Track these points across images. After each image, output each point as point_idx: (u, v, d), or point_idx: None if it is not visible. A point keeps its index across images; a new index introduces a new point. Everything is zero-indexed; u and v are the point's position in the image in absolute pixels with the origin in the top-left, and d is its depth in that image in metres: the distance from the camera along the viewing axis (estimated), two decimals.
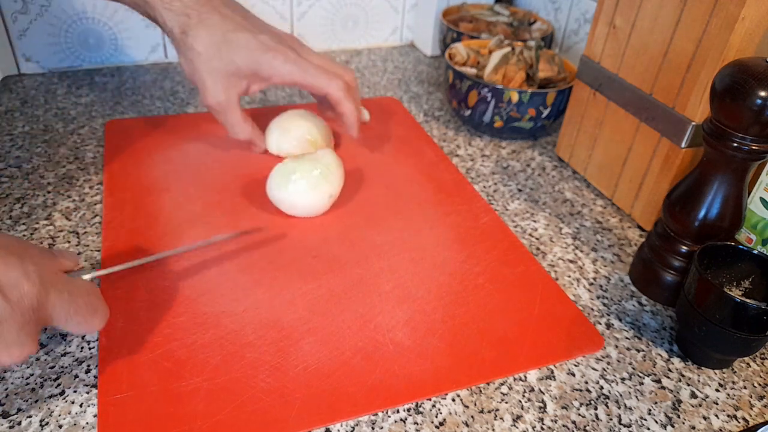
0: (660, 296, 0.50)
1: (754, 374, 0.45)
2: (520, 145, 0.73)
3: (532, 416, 0.40)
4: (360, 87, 0.84)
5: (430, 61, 0.96)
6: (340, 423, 0.38)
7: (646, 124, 0.56)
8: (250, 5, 0.87)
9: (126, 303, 0.44)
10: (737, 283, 0.45)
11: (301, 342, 0.43)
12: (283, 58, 0.55)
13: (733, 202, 0.45)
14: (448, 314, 0.46)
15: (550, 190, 0.65)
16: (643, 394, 0.42)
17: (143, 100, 0.76)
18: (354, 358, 0.42)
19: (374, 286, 0.48)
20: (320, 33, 0.94)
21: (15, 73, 0.79)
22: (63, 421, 0.37)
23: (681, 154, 0.53)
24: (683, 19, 0.51)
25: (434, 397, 0.40)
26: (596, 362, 0.44)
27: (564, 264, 0.54)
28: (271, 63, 0.54)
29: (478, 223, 0.57)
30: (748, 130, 0.41)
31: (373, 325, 0.45)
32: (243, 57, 0.54)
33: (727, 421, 0.41)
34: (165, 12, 0.53)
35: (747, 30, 0.46)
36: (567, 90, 0.68)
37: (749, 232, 0.52)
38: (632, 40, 0.57)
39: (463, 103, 0.71)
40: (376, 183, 0.62)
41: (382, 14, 0.97)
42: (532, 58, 0.71)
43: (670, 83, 0.53)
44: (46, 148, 0.64)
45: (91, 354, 0.42)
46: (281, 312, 0.45)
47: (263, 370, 0.40)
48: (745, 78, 0.40)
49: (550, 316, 0.47)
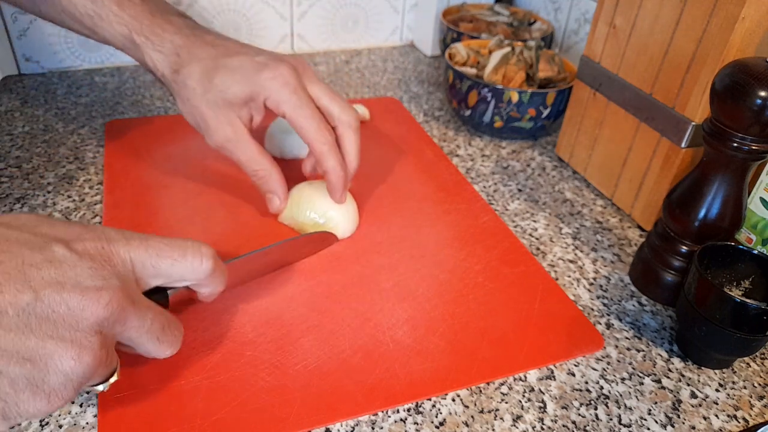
0: (660, 296, 0.50)
1: (754, 374, 0.45)
2: (520, 145, 0.73)
3: (532, 416, 0.40)
4: (360, 87, 0.84)
5: (430, 61, 0.96)
6: (340, 423, 0.38)
7: (646, 124, 0.56)
8: (250, 5, 0.87)
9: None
10: (737, 283, 0.45)
11: (301, 340, 0.43)
12: (283, 81, 0.47)
13: (733, 202, 0.45)
14: (448, 313, 0.46)
15: (550, 190, 0.65)
16: (643, 394, 0.42)
17: (143, 100, 0.76)
18: (354, 356, 0.42)
19: (374, 284, 0.48)
20: (320, 33, 0.94)
21: (15, 73, 0.80)
22: (63, 421, 0.37)
23: (681, 154, 0.53)
24: (683, 19, 0.51)
25: (434, 396, 0.40)
26: (596, 362, 0.44)
27: (564, 264, 0.54)
28: (269, 84, 0.47)
29: (477, 222, 0.57)
30: (748, 130, 0.41)
31: (373, 323, 0.45)
32: (238, 79, 0.48)
33: (727, 421, 0.41)
34: (155, 54, 0.49)
35: (747, 30, 0.46)
36: (567, 90, 0.68)
37: (749, 232, 0.52)
38: (632, 40, 0.57)
39: (463, 103, 0.71)
40: (376, 183, 0.62)
41: (382, 14, 0.97)
42: (532, 58, 0.71)
43: (670, 83, 0.53)
44: (46, 148, 0.64)
45: None
46: (281, 309, 0.45)
47: (263, 368, 0.40)
48: (745, 78, 0.40)
49: (550, 316, 0.47)
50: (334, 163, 0.49)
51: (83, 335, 0.29)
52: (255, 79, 0.48)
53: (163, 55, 0.49)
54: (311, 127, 0.48)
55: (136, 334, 0.32)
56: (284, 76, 0.48)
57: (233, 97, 0.48)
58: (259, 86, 0.48)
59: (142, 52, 0.50)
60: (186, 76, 0.48)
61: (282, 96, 0.47)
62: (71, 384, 0.29)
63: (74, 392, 0.30)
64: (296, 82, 0.48)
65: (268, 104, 0.49)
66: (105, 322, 0.30)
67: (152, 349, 0.34)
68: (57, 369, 0.28)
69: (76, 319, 0.29)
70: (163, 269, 0.34)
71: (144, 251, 0.34)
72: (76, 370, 0.29)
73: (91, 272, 0.30)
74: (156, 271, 0.34)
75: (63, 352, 0.28)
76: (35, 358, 0.28)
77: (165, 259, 0.34)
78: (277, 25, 0.91)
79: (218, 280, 0.38)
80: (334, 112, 0.50)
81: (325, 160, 0.49)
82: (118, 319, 0.31)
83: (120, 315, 0.31)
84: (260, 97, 0.48)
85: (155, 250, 0.34)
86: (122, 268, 0.32)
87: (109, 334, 0.31)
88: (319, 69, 0.89)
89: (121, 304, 0.31)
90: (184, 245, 0.35)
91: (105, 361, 0.31)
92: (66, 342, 0.29)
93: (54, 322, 0.28)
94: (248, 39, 0.90)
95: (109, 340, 0.31)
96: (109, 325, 0.30)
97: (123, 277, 0.32)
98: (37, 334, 0.28)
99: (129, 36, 0.49)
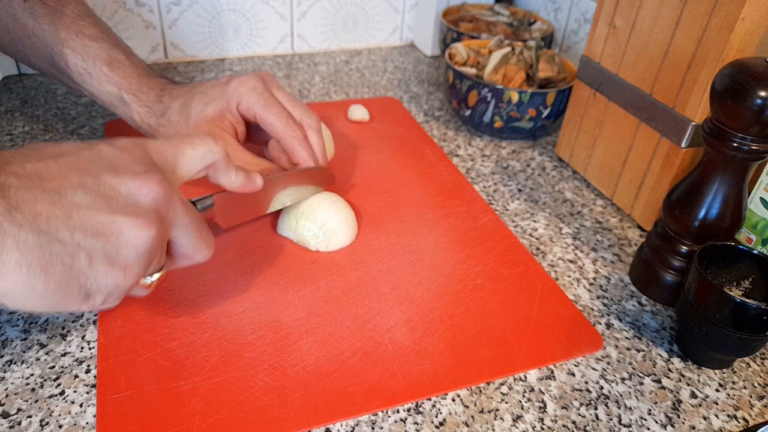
0: (660, 296, 0.50)
1: (754, 374, 0.45)
2: (520, 145, 0.73)
3: (532, 416, 0.40)
4: (360, 87, 0.84)
5: (430, 61, 0.96)
6: (340, 423, 0.38)
7: (646, 124, 0.56)
8: (250, 5, 0.87)
9: (125, 302, 0.44)
10: (737, 283, 0.45)
11: (300, 342, 0.43)
12: (250, 86, 0.52)
13: (733, 202, 0.45)
14: (447, 314, 0.46)
15: (550, 190, 0.65)
16: (643, 394, 0.42)
17: None
18: (353, 357, 0.42)
19: (373, 288, 0.48)
20: (320, 33, 0.94)
21: (15, 73, 0.80)
22: (63, 421, 0.37)
23: (681, 154, 0.53)
24: (683, 19, 0.51)
25: (434, 397, 0.40)
26: (596, 362, 0.44)
27: (564, 264, 0.54)
28: (237, 90, 0.52)
29: (477, 223, 0.57)
30: (748, 130, 0.41)
31: (371, 325, 0.45)
32: (212, 97, 0.52)
33: (727, 421, 0.41)
34: (142, 109, 0.54)
35: (747, 30, 0.46)
36: (567, 90, 0.68)
37: (749, 232, 0.52)
38: (632, 40, 0.57)
39: (463, 103, 0.71)
40: (375, 185, 0.61)
41: (382, 14, 0.97)
42: (532, 58, 0.71)
43: (670, 83, 0.53)
44: None
45: (91, 354, 0.42)
46: (280, 313, 0.45)
47: (262, 369, 0.40)
48: (745, 78, 0.40)
49: (549, 316, 0.47)
50: (306, 156, 0.52)
51: (145, 211, 0.33)
52: (225, 90, 0.52)
53: (148, 107, 0.54)
54: (280, 123, 0.52)
55: (181, 222, 0.36)
56: (251, 82, 0.52)
57: (212, 113, 0.52)
58: (228, 95, 0.52)
59: (130, 109, 0.54)
60: (169, 114, 0.53)
61: (251, 99, 0.52)
62: (141, 257, 0.33)
63: (143, 267, 0.33)
64: (263, 87, 0.52)
65: (241, 110, 0.52)
66: (160, 201, 0.34)
67: (193, 244, 0.37)
68: (128, 241, 0.32)
69: (136, 197, 0.33)
70: (189, 153, 0.38)
71: (168, 143, 0.38)
72: (144, 241, 0.32)
73: (136, 161, 0.34)
74: (183, 158, 0.38)
75: (132, 224, 0.32)
76: (108, 232, 0.31)
77: (187, 145, 0.38)
78: (277, 25, 0.91)
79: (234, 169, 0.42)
80: (296, 115, 0.53)
81: (297, 153, 0.52)
82: (169, 201, 0.34)
83: (170, 196, 0.34)
84: (233, 105, 0.52)
85: (177, 139, 0.39)
86: (158, 158, 0.36)
87: (163, 216, 0.34)
88: (319, 69, 0.89)
89: (168, 186, 0.34)
90: (199, 135, 0.40)
91: (162, 244, 0.34)
92: (132, 216, 0.32)
93: (118, 201, 0.32)
94: (248, 39, 0.90)
95: (164, 223, 0.34)
96: (163, 204, 0.34)
97: (161, 165, 0.36)
98: (107, 210, 0.31)
99: (118, 94, 0.54)
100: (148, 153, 0.36)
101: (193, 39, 0.87)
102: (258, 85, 0.52)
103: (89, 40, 0.53)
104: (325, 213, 0.51)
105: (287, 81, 0.85)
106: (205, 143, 0.39)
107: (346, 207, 0.54)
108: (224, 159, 0.40)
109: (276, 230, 0.53)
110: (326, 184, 0.54)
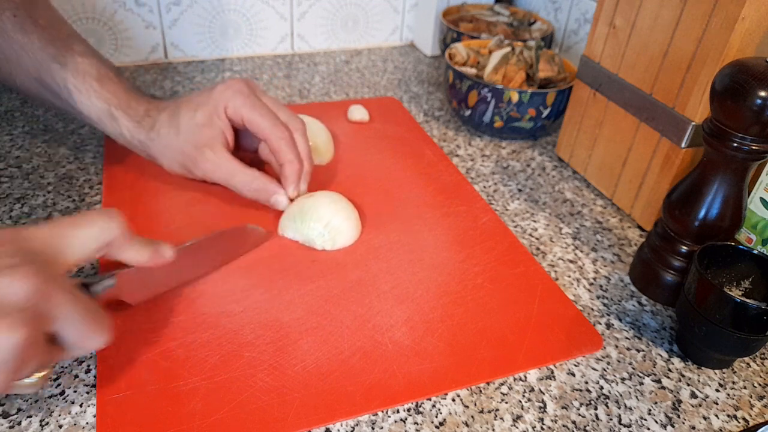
0: (660, 296, 0.50)
1: (754, 374, 0.45)
2: (520, 145, 0.73)
3: (532, 416, 0.40)
4: (360, 87, 0.84)
5: (430, 61, 0.96)
6: (340, 423, 0.38)
7: (646, 124, 0.56)
8: (250, 5, 0.87)
9: (125, 303, 0.44)
10: (737, 283, 0.45)
11: (300, 341, 0.43)
12: (236, 89, 0.52)
13: (733, 202, 0.45)
14: (447, 314, 0.46)
15: (550, 190, 0.65)
16: (643, 394, 0.42)
17: None
18: (353, 357, 0.42)
19: (373, 287, 0.48)
20: (320, 33, 0.95)
21: None
22: (63, 421, 0.37)
23: (681, 154, 0.53)
24: (683, 19, 0.51)
25: (434, 396, 0.40)
26: (596, 362, 0.44)
27: (564, 264, 0.54)
28: (223, 94, 0.52)
29: (477, 223, 0.57)
30: (748, 130, 0.41)
31: (371, 324, 0.45)
32: (199, 104, 0.53)
33: (727, 421, 0.41)
34: (131, 124, 0.54)
35: (747, 30, 0.46)
36: (567, 90, 0.68)
37: (749, 232, 0.52)
38: (632, 40, 0.57)
39: (463, 103, 0.71)
40: (375, 185, 0.61)
41: (382, 14, 0.97)
42: (532, 58, 0.71)
43: (670, 83, 0.53)
44: (46, 148, 0.64)
45: (90, 354, 0.42)
46: (280, 313, 0.45)
47: (262, 369, 0.40)
48: (745, 78, 0.40)
49: (549, 316, 0.47)
50: (292, 156, 0.53)
51: (14, 310, 0.30)
52: (211, 95, 0.53)
53: (137, 122, 0.54)
54: (267, 124, 0.52)
55: (63, 313, 0.32)
56: (237, 86, 0.53)
57: (201, 119, 0.53)
58: (215, 99, 0.53)
59: (120, 125, 0.54)
60: (158, 127, 0.54)
61: (237, 101, 0.52)
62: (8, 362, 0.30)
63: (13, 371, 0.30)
64: (249, 90, 0.53)
65: (229, 113, 0.53)
66: (31, 296, 0.31)
67: (81, 334, 0.34)
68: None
69: (4, 295, 0.30)
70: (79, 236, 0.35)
71: (51, 226, 0.35)
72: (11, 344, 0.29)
73: (8, 253, 0.31)
74: (69, 240, 0.35)
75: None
76: None
77: (75, 227, 0.36)
78: (277, 25, 0.91)
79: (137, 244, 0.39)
80: (282, 117, 0.54)
81: (283, 154, 0.52)
82: (44, 294, 0.31)
83: (45, 288, 0.31)
84: (220, 109, 0.53)
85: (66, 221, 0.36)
86: (39, 245, 0.33)
87: (38, 313, 0.31)
88: (319, 69, 0.89)
89: (43, 277, 0.31)
90: (92, 213, 0.37)
91: (37, 343, 0.31)
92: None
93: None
94: (248, 39, 0.90)
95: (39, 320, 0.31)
96: (35, 300, 0.31)
97: (40, 254, 0.33)
98: None
99: (107, 110, 0.54)
100: (28, 242, 0.33)
101: (193, 39, 0.87)
102: (243, 88, 0.53)
103: (79, 56, 0.53)
104: (329, 211, 0.52)
105: (287, 81, 0.85)
106: (97, 222, 0.36)
107: (349, 205, 0.54)
108: (122, 236, 0.38)
109: (277, 231, 0.53)
110: (253, 246, 0.51)
